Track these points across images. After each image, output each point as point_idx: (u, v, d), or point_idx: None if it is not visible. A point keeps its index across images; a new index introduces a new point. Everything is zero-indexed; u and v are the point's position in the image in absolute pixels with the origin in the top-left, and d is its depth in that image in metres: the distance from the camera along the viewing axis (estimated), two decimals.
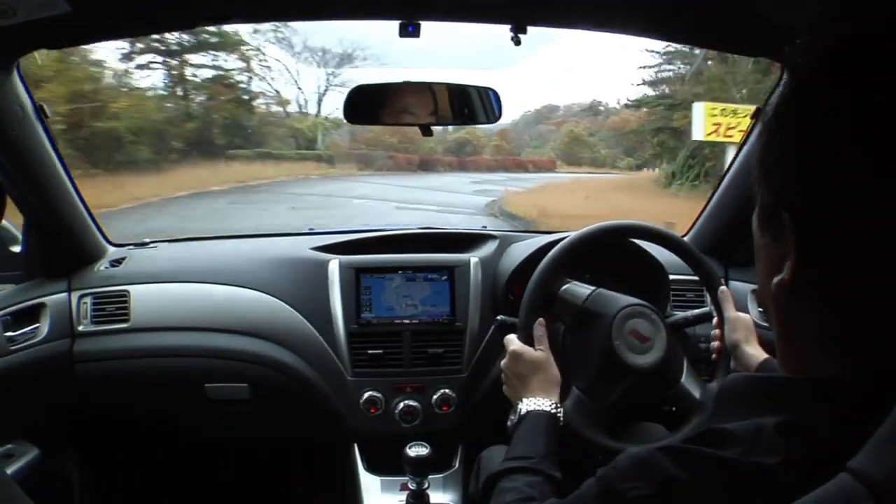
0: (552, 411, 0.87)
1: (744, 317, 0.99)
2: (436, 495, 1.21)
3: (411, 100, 1.17)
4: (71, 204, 1.32)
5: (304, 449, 1.64)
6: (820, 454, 0.38)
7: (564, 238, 1.06)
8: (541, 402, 0.87)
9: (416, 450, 1.06)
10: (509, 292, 1.30)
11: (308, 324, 1.34)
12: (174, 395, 1.38)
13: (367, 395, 1.30)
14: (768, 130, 0.44)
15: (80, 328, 1.33)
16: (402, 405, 1.30)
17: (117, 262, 1.44)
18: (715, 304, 1.04)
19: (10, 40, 0.99)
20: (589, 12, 1.05)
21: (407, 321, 1.34)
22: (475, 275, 1.38)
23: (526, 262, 1.24)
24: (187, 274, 1.40)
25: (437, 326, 1.35)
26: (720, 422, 0.45)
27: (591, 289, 1.05)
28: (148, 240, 1.57)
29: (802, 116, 0.42)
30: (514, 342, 0.97)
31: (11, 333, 1.22)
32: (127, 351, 1.33)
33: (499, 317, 1.19)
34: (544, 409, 0.87)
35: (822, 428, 0.40)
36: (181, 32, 11.45)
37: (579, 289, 1.07)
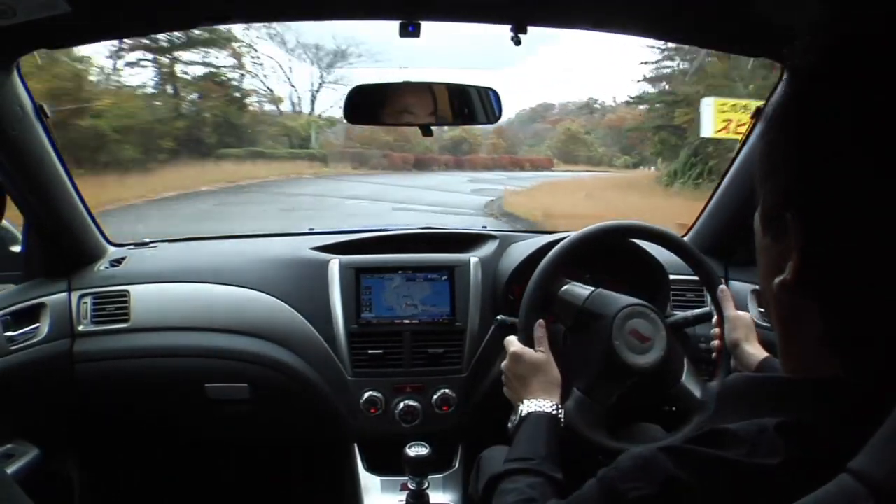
0: (553, 412, 0.87)
1: (744, 315, 0.99)
2: (436, 495, 1.21)
3: (411, 100, 1.18)
4: (71, 204, 1.32)
5: (304, 449, 1.63)
6: (820, 454, 0.38)
7: (564, 238, 1.06)
8: (541, 403, 0.87)
9: (416, 450, 1.06)
10: (509, 292, 1.30)
11: (308, 324, 1.34)
12: (174, 395, 1.38)
13: (367, 395, 1.30)
14: (769, 130, 0.44)
15: (80, 328, 1.33)
16: (402, 405, 1.30)
17: (117, 262, 1.44)
18: (715, 303, 1.04)
19: (10, 40, 0.99)
20: (589, 12, 1.05)
21: (407, 321, 1.34)
22: (475, 275, 1.38)
23: (526, 262, 1.24)
24: (187, 274, 1.41)
25: (437, 326, 1.35)
26: (722, 422, 0.44)
27: (590, 289, 1.05)
28: (148, 240, 1.57)
29: (802, 116, 0.42)
30: (515, 344, 0.97)
31: (11, 333, 1.22)
32: (127, 351, 1.33)
33: (499, 317, 1.19)
34: (545, 410, 0.86)
35: (823, 428, 0.40)
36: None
37: (579, 289, 1.07)
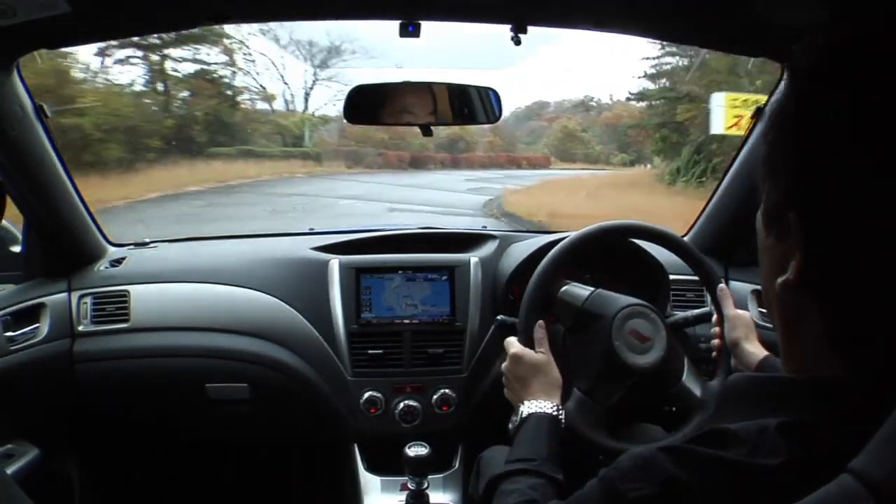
0: (553, 413, 0.87)
1: (743, 314, 0.99)
2: (436, 495, 1.21)
3: (411, 100, 1.18)
4: (71, 204, 1.32)
5: (305, 449, 1.63)
6: (821, 454, 0.38)
7: (564, 238, 1.06)
8: (542, 404, 0.87)
9: (416, 450, 1.06)
10: (509, 292, 1.30)
11: (308, 324, 1.34)
12: (174, 395, 1.38)
13: (367, 395, 1.30)
14: (769, 130, 0.44)
15: (80, 328, 1.33)
16: (402, 405, 1.30)
17: (117, 262, 1.44)
18: (714, 302, 1.04)
19: (10, 40, 0.99)
20: (589, 12, 1.05)
21: (407, 321, 1.34)
22: (475, 275, 1.38)
23: (526, 262, 1.24)
24: (187, 274, 1.41)
25: (437, 326, 1.35)
26: (723, 421, 0.44)
27: (590, 290, 1.05)
28: (148, 240, 1.57)
29: (802, 116, 0.42)
30: (515, 345, 0.97)
31: (11, 333, 1.22)
32: (127, 351, 1.33)
33: (499, 317, 1.19)
34: (546, 411, 0.86)
35: (824, 428, 0.40)
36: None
37: (578, 290, 1.07)
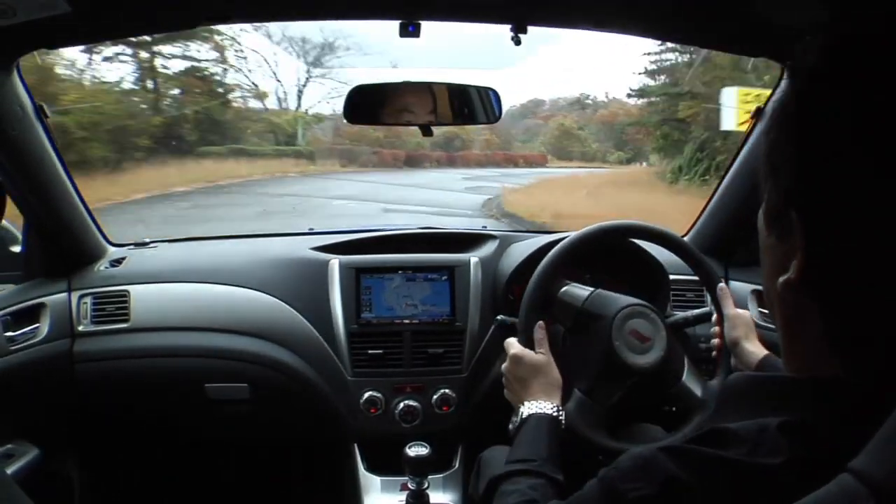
0: (554, 414, 0.87)
1: (743, 314, 0.99)
2: (436, 495, 1.21)
3: (411, 99, 1.18)
4: (71, 204, 1.32)
5: (305, 449, 1.63)
6: (821, 454, 0.38)
7: (564, 238, 1.06)
8: (542, 405, 0.87)
9: (416, 450, 1.06)
10: (509, 292, 1.29)
11: (308, 324, 1.34)
12: (174, 395, 1.38)
13: (367, 395, 1.30)
14: (770, 130, 0.44)
15: (80, 328, 1.33)
16: (402, 405, 1.30)
17: (117, 262, 1.44)
18: (714, 302, 1.04)
19: (10, 40, 0.99)
20: (589, 12, 1.05)
21: (407, 321, 1.34)
22: (475, 275, 1.37)
23: (526, 262, 1.23)
24: (187, 274, 1.40)
25: (437, 326, 1.35)
26: (723, 421, 0.44)
27: (589, 290, 1.05)
28: (148, 240, 1.57)
29: (802, 116, 0.42)
30: (515, 346, 0.97)
31: (11, 333, 1.22)
32: (127, 351, 1.33)
33: (499, 317, 1.19)
34: (546, 411, 0.86)
35: (824, 428, 0.40)
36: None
37: (578, 290, 1.07)
